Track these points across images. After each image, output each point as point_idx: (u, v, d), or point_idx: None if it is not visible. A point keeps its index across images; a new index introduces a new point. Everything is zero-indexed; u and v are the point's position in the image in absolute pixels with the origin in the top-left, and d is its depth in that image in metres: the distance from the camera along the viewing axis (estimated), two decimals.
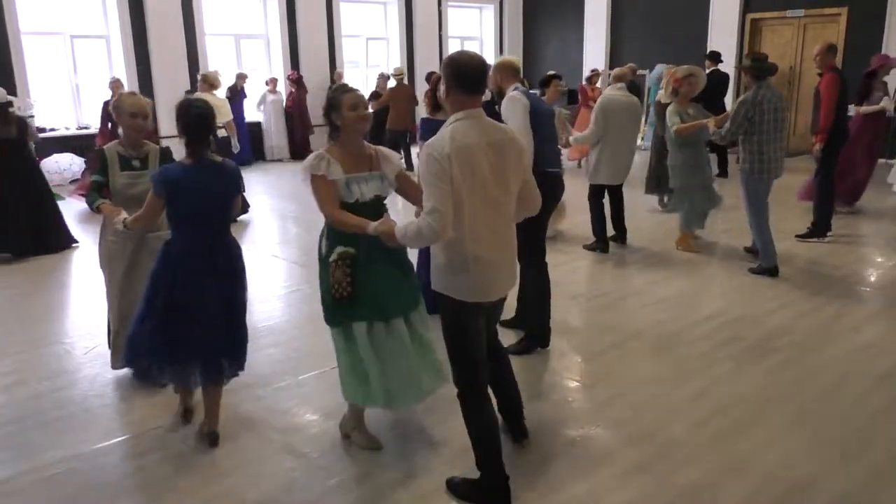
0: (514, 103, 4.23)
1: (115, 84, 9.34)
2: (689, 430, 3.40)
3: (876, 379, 3.90)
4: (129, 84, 10.78)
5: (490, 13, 16.32)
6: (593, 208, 6.53)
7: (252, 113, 12.70)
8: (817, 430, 3.38)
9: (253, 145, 12.61)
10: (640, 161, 8.58)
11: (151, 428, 3.50)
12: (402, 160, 3.58)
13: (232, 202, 3.27)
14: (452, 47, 15.70)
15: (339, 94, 3.03)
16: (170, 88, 11.23)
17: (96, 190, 3.71)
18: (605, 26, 14.65)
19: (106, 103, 9.11)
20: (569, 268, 6.10)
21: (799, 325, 4.70)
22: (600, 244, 6.52)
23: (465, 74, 2.67)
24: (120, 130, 3.87)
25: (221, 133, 7.53)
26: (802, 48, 11.95)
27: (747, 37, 12.72)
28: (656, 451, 3.21)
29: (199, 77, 8.12)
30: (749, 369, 4.05)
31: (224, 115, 7.55)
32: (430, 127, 4.37)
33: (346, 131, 3.03)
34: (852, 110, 7.74)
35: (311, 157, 3.03)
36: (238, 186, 3.26)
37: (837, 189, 7.02)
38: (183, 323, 3.12)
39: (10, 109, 7.15)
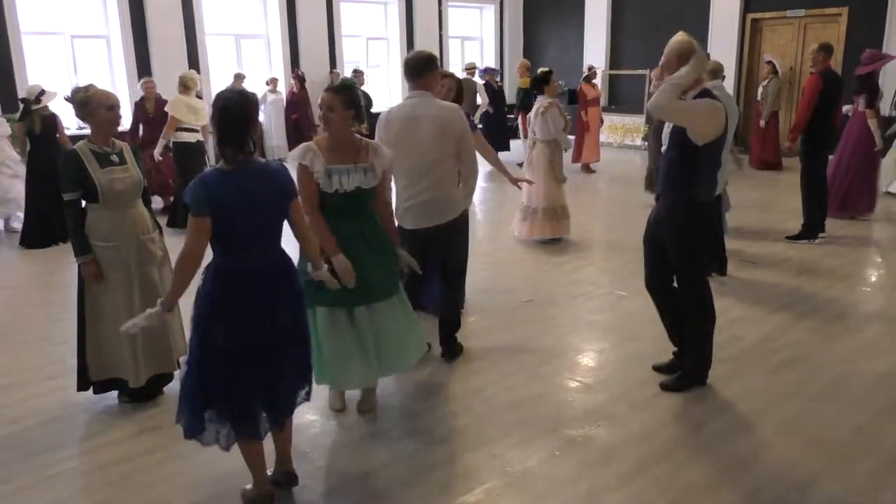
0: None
1: (148, 84, 8.81)
2: (689, 430, 3.40)
3: (876, 379, 3.90)
4: (130, 84, 10.77)
5: (490, 13, 16.31)
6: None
7: None
8: (817, 430, 3.38)
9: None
10: (640, 160, 8.56)
11: (153, 428, 3.50)
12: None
13: (283, 211, 2.73)
14: (453, 47, 15.70)
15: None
16: (170, 88, 11.19)
17: (78, 225, 3.49)
18: (605, 26, 14.64)
19: (137, 103, 8.86)
20: (571, 267, 6.12)
21: (798, 325, 4.71)
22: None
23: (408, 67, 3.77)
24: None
25: (198, 137, 7.47)
26: (803, 48, 11.93)
27: (747, 37, 12.72)
28: (656, 451, 3.22)
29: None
30: (749, 369, 4.05)
31: (201, 118, 7.38)
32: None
33: (326, 126, 3.26)
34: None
35: (299, 147, 3.27)
36: (290, 191, 2.74)
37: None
38: (251, 363, 2.65)
39: (35, 107, 7.16)
